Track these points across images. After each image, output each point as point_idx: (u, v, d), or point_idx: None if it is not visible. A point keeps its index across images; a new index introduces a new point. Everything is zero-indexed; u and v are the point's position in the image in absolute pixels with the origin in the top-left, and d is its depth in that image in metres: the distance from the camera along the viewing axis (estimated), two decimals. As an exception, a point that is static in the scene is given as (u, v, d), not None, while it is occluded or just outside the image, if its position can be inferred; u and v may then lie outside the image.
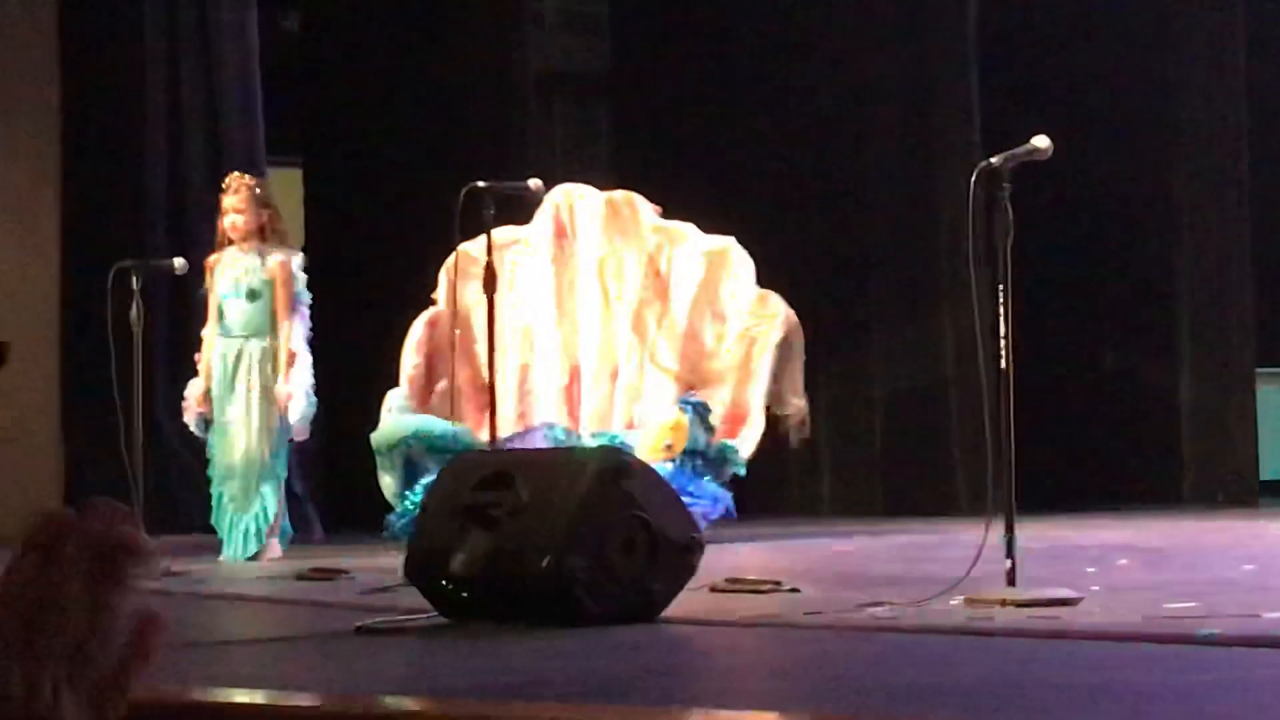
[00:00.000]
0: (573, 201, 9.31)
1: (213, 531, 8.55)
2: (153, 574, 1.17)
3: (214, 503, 8.36)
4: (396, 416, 8.79)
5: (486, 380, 7.50)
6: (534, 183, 7.45)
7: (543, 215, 9.26)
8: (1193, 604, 5.02)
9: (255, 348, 8.30)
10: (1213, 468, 11.88)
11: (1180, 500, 11.72)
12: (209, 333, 8.42)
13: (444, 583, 5.08)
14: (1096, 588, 5.55)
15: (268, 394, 8.27)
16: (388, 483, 8.74)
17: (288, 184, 11.82)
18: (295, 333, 8.34)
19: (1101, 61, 12.01)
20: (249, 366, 8.29)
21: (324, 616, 5.68)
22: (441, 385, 8.99)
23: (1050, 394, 10.77)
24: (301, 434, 8.43)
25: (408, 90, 11.19)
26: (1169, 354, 12.04)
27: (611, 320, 9.27)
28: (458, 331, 8.80)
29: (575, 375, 9.27)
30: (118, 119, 10.34)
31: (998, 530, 5.10)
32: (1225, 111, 11.95)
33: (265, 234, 8.35)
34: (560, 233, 9.31)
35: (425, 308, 9.16)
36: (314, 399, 8.35)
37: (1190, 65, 12.01)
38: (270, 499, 8.23)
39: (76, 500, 1.15)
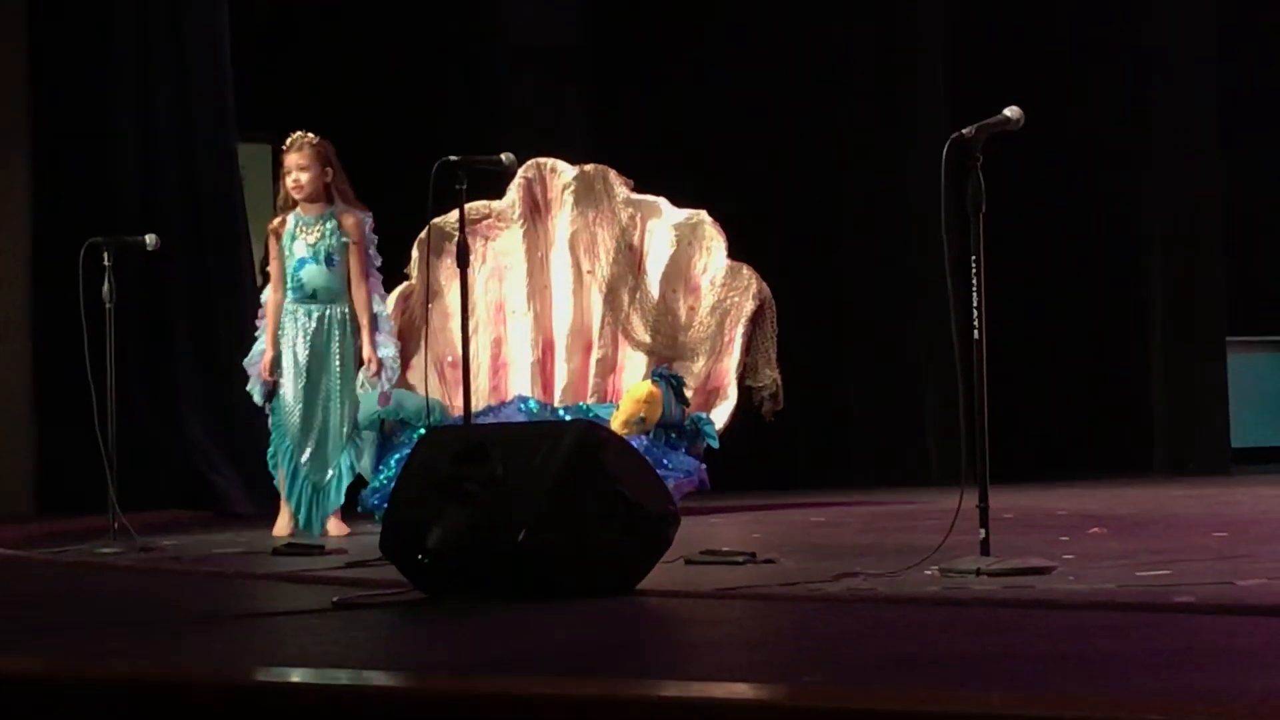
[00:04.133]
0: (545, 175, 9.30)
1: (190, 507, 8.48)
2: None
3: (290, 475, 8.01)
4: (370, 391, 8.78)
5: (460, 354, 7.50)
6: (506, 156, 7.43)
7: (515, 189, 9.26)
8: (1166, 571, 5.05)
9: (339, 314, 8.04)
10: (1184, 436, 11.92)
11: (1152, 468, 11.77)
12: (273, 298, 8.11)
13: (420, 557, 5.08)
14: (1070, 556, 5.58)
15: (354, 362, 8.04)
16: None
17: (258, 159, 11.78)
18: (374, 296, 8.13)
19: (1073, 30, 12.03)
20: (334, 334, 8.03)
21: (300, 591, 5.69)
22: (415, 360, 8.99)
23: (1022, 364, 10.79)
24: (386, 400, 8.25)
25: (379, 64, 11.16)
26: (1141, 322, 12.08)
27: (584, 294, 9.27)
28: (431, 306, 8.80)
29: (549, 349, 9.28)
30: (87, 94, 10.28)
31: (971, 500, 5.12)
32: (1198, 79, 11.97)
33: (330, 194, 8.07)
34: (533, 207, 9.30)
35: (398, 283, 9.15)
36: (398, 365, 8.19)
37: (1163, 34, 12.03)
38: (346, 471, 8.11)
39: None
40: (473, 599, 4.97)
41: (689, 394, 8.92)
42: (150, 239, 7.73)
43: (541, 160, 9.32)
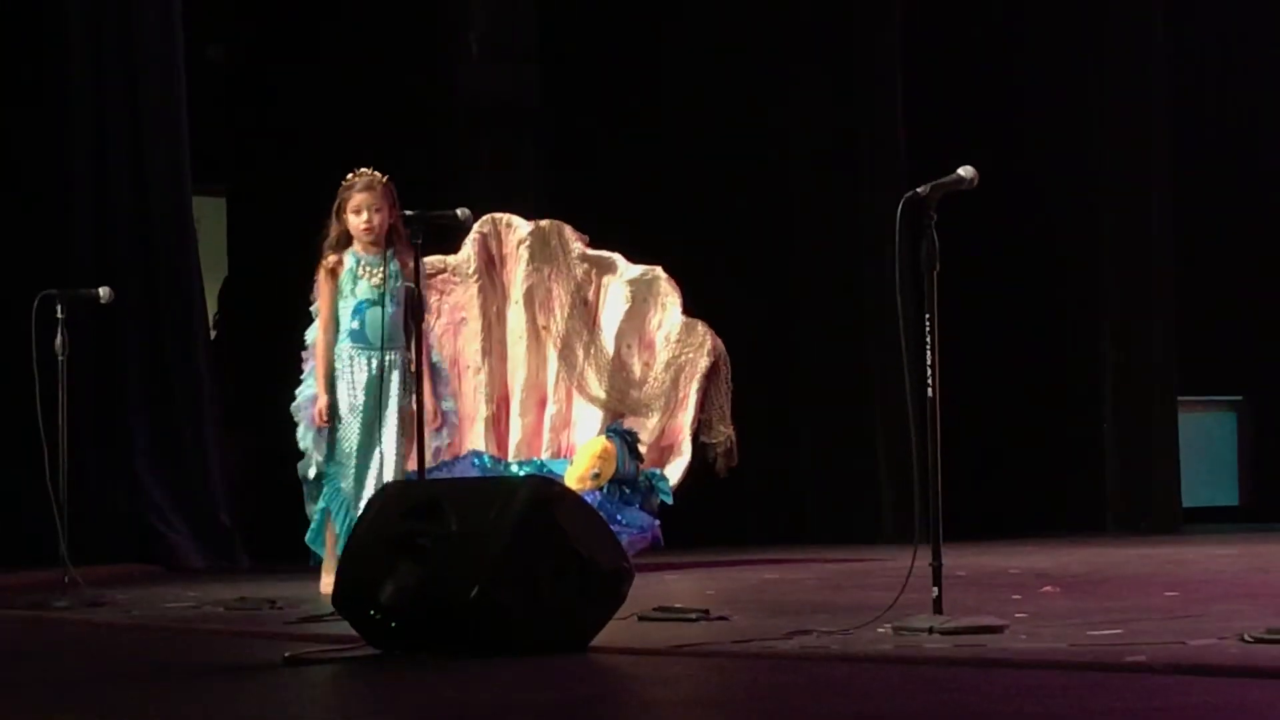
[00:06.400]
0: (500, 230, 9.31)
1: (142, 561, 8.37)
2: None
3: (345, 530, 7.31)
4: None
5: (413, 409, 7.47)
6: (462, 211, 7.41)
7: (470, 244, 9.26)
8: (1118, 631, 5.06)
9: (400, 361, 7.59)
10: (1136, 495, 11.97)
11: (1104, 527, 11.81)
12: (323, 340, 7.66)
13: (372, 613, 5.06)
14: (1022, 615, 5.59)
15: (414, 412, 7.35)
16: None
17: (212, 212, 11.78)
18: (428, 344, 7.64)
19: (1028, 92, 12.12)
20: (396, 382, 7.58)
21: (251, 647, 5.66)
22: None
23: (975, 422, 10.83)
24: (442, 454, 7.84)
25: (334, 119, 11.17)
26: (1093, 382, 12.14)
27: (539, 349, 9.28)
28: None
29: (503, 404, 9.27)
30: (42, 147, 10.26)
31: (924, 558, 5.12)
32: (1149, 143, 12.07)
33: (392, 236, 7.64)
34: (488, 262, 9.31)
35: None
36: (457, 419, 7.72)
37: (1117, 97, 12.13)
38: None
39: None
40: (425, 655, 4.95)
41: (643, 450, 8.92)
42: (104, 291, 7.69)
43: (497, 215, 9.33)
